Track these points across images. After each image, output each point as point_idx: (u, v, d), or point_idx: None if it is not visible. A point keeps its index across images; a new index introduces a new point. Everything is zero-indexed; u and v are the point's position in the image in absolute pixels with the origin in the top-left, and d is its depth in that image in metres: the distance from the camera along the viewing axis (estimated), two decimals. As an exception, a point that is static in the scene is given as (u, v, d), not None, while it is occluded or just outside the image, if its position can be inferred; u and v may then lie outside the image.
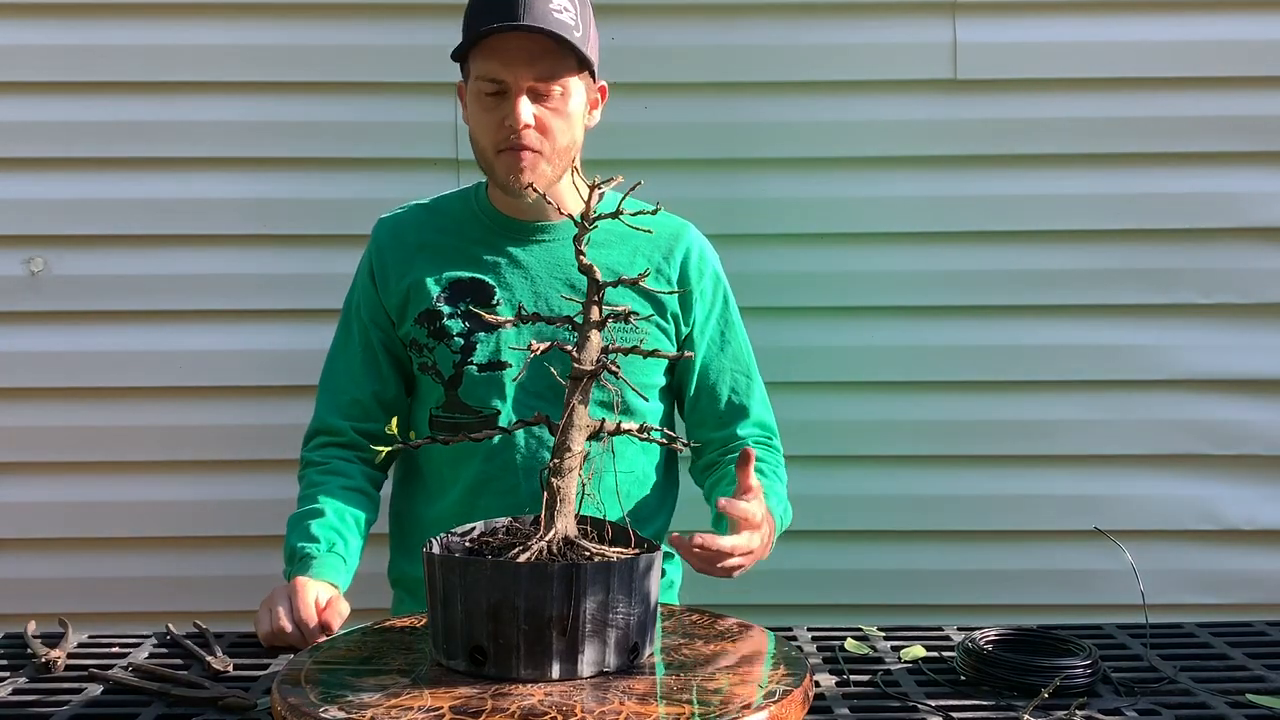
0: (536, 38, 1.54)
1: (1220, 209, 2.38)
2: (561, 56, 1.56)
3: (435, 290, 1.67)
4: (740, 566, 1.48)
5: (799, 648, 1.44)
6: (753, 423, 1.75)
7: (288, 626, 1.46)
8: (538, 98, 1.57)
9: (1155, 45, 2.37)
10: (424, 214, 1.75)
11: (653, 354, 1.33)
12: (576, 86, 1.60)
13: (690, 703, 1.12)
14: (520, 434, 1.63)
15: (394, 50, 2.36)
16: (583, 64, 1.59)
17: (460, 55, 1.61)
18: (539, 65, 1.55)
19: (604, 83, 1.68)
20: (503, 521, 1.38)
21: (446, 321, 1.65)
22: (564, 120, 1.59)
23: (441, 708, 1.09)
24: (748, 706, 1.11)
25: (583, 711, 1.08)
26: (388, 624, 1.43)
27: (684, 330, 1.72)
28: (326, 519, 1.60)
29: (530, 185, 1.55)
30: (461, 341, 1.65)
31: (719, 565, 1.45)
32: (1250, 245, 2.39)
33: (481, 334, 1.65)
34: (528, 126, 1.56)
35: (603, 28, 1.69)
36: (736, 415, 1.75)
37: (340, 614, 1.49)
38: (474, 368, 1.65)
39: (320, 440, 1.73)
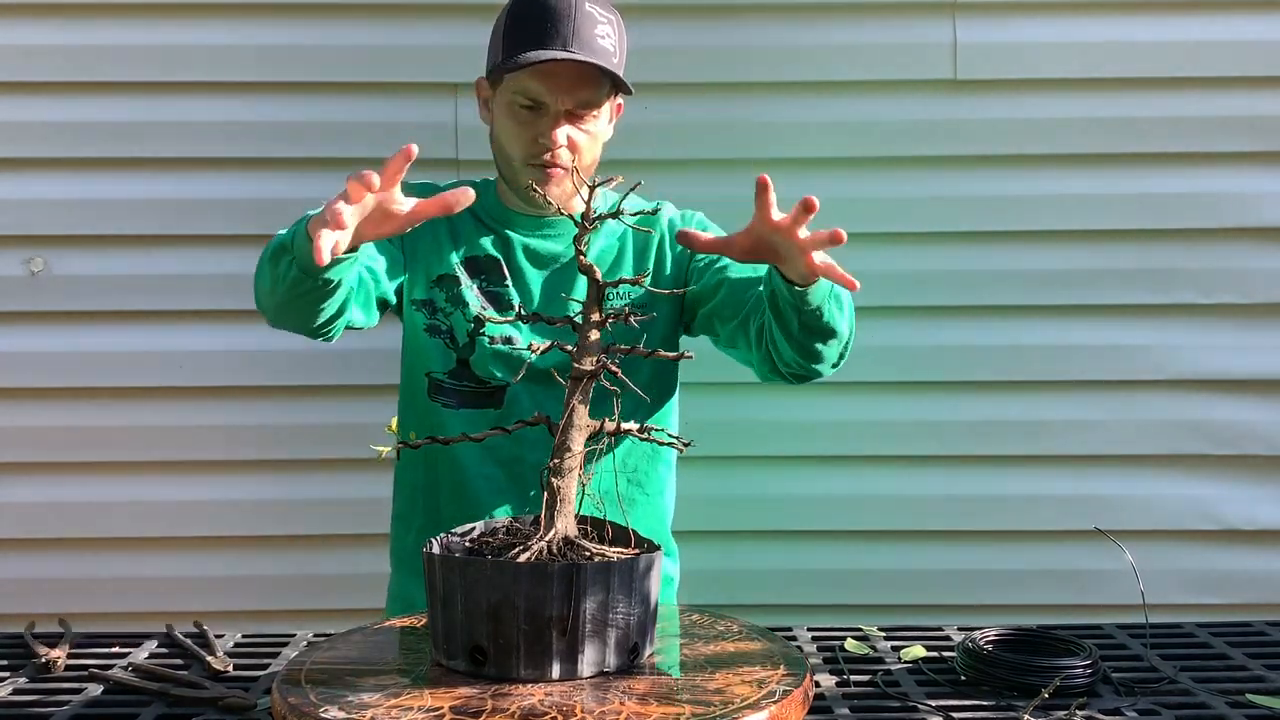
0: (581, 65, 1.56)
1: (1220, 209, 2.38)
2: (601, 84, 1.60)
3: (455, 259, 1.68)
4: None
5: (799, 648, 1.44)
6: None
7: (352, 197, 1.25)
8: (572, 119, 1.60)
9: (1155, 45, 2.37)
10: (436, 193, 1.75)
11: (653, 354, 1.33)
12: (605, 107, 1.65)
13: (690, 703, 1.12)
14: (527, 403, 1.63)
15: (394, 50, 2.36)
16: (617, 89, 1.64)
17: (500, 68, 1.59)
18: (580, 93, 1.59)
19: (620, 100, 1.70)
20: (503, 521, 1.38)
21: (465, 292, 1.66)
22: (593, 140, 1.64)
23: (441, 708, 1.09)
24: (748, 706, 1.11)
25: (583, 711, 1.08)
26: (388, 624, 1.43)
27: (684, 283, 1.68)
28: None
29: (546, 197, 1.55)
30: (475, 311, 1.66)
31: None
32: (1250, 245, 2.39)
33: (496, 311, 1.66)
34: (561, 147, 1.59)
35: (603, 28, 1.69)
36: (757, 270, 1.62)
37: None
38: (486, 339, 1.66)
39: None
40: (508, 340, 1.65)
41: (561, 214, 1.49)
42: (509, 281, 1.68)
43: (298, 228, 1.42)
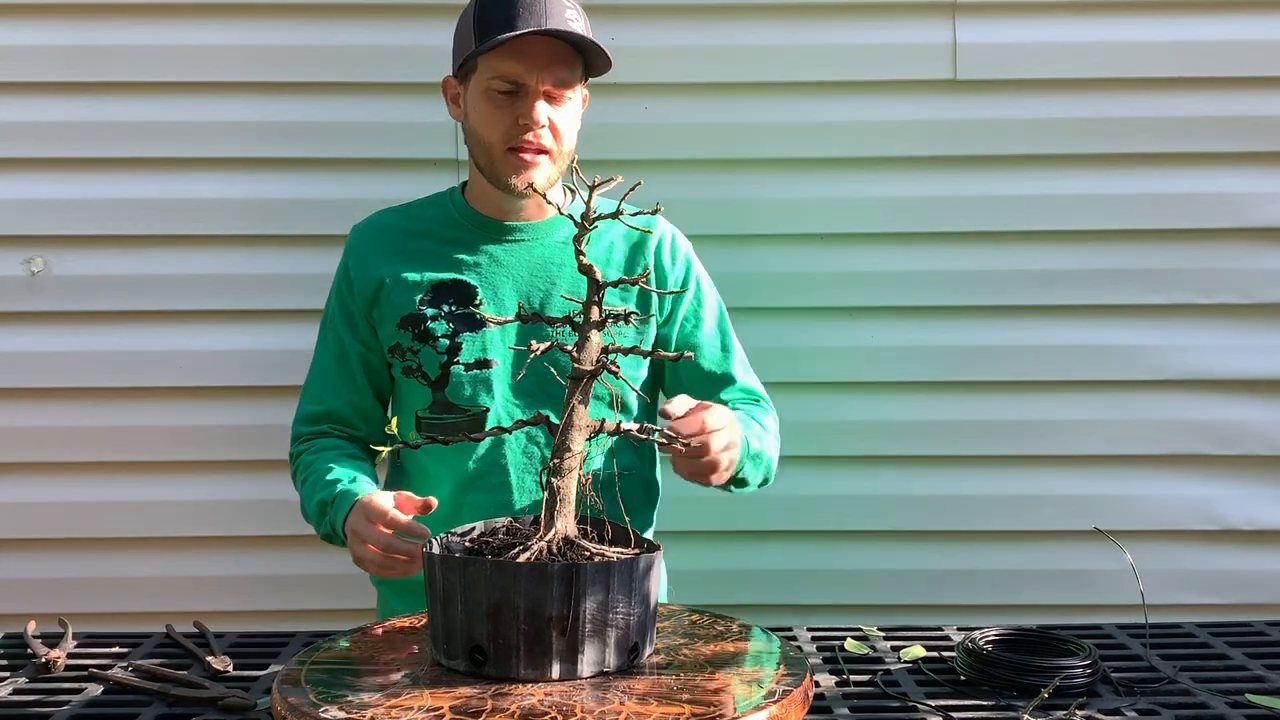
0: (556, 42, 1.56)
1: (1220, 209, 2.38)
2: (575, 64, 1.61)
3: (417, 294, 1.68)
4: (720, 448, 1.46)
5: (799, 648, 1.44)
6: (738, 389, 1.75)
7: (380, 547, 1.45)
8: (550, 99, 1.60)
9: (1155, 45, 2.37)
10: (398, 218, 1.76)
11: (653, 354, 1.34)
12: (578, 91, 1.65)
13: (690, 703, 1.12)
14: (508, 424, 1.63)
15: (394, 50, 2.36)
16: (589, 72, 1.64)
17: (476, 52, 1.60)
18: (558, 70, 1.59)
19: (586, 93, 1.70)
20: (503, 521, 1.39)
21: (430, 324, 1.66)
22: (571, 123, 1.64)
23: (441, 708, 1.09)
24: (748, 706, 1.11)
25: (583, 711, 1.08)
26: (388, 624, 1.43)
27: (659, 317, 1.74)
28: (335, 469, 1.63)
29: (530, 185, 1.58)
30: (447, 342, 1.66)
31: (702, 451, 1.44)
32: (1250, 245, 2.39)
33: (467, 333, 1.66)
34: (543, 127, 1.59)
35: (602, 27, 1.69)
36: (720, 384, 1.75)
37: (415, 497, 1.50)
38: (460, 367, 1.66)
39: (303, 435, 1.78)
40: (483, 364, 1.66)
41: (541, 214, 1.49)
42: (480, 297, 1.67)
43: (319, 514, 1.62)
